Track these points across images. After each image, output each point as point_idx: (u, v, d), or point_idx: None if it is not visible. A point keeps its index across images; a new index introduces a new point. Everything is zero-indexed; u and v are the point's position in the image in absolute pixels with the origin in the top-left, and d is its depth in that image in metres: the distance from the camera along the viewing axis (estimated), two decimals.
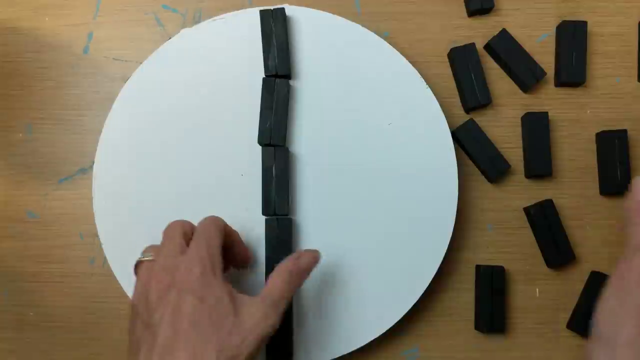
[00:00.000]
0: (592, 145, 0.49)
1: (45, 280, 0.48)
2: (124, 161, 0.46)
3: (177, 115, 0.46)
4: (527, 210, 0.47)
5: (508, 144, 0.48)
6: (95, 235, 0.46)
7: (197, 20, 0.50)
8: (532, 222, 0.47)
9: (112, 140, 0.46)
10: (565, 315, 0.47)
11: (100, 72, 0.50)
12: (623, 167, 0.46)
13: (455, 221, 0.44)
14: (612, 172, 0.47)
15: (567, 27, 0.47)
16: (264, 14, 0.45)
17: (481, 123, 0.47)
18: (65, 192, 0.49)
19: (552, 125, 0.48)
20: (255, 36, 0.46)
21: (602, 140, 0.47)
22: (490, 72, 0.49)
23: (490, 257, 0.48)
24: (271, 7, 0.45)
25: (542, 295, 0.47)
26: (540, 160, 0.47)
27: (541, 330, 0.47)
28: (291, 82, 0.46)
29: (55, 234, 0.48)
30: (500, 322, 0.45)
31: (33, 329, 0.48)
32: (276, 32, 0.45)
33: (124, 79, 0.48)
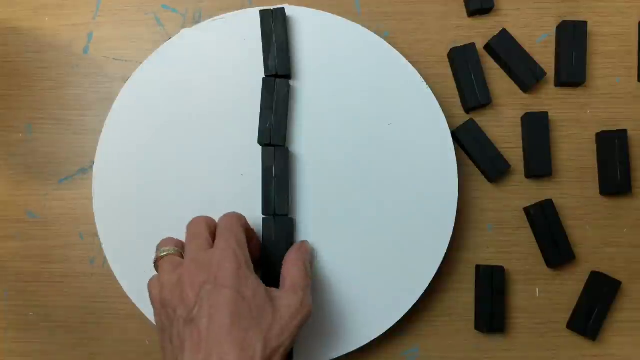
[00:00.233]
0: (592, 145, 0.49)
1: (45, 280, 0.48)
2: (124, 161, 0.46)
3: (177, 115, 0.46)
4: (527, 210, 0.47)
5: (508, 144, 0.48)
6: (95, 235, 0.46)
7: (197, 20, 0.50)
8: (532, 222, 0.47)
9: (112, 140, 0.46)
10: (565, 315, 0.47)
11: (100, 72, 0.50)
12: (623, 167, 0.47)
13: (455, 221, 0.44)
14: (612, 172, 0.47)
15: (567, 27, 0.47)
16: (264, 14, 0.45)
17: (481, 123, 0.47)
18: (65, 192, 0.49)
19: (552, 125, 0.48)
20: (255, 36, 0.46)
21: (602, 140, 0.47)
22: (490, 72, 0.49)
23: (490, 257, 0.48)
24: (271, 7, 0.45)
25: (542, 295, 0.47)
26: (540, 160, 0.47)
27: (541, 330, 0.47)
28: (291, 82, 0.46)
29: (55, 234, 0.48)
30: (500, 322, 0.45)
31: (33, 329, 0.48)
32: (276, 32, 0.45)
33: (124, 79, 0.48)
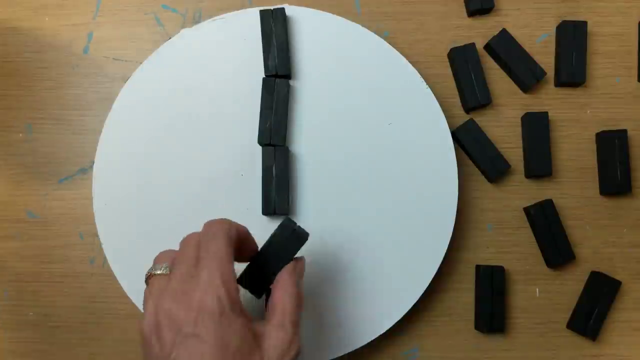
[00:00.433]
0: (592, 145, 0.49)
1: (45, 280, 0.48)
2: (124, 161, 0.46)
3: (177, 115, 0.46)
4: (527, 210, 0.47)
5: (508, 144, 0.48)
6: (95, 235, 0.46)
7: (197, 20, 0.50)
8: (532, 222, 0.47)
9: (112, 140, 0.46)
10: (565, 315, 0.47)
11: (100, 72, 0.50)
12: (623, 167, 0.47)
13: (455, 221, 0.44)
14: (612, 172, 0.47)
15: (567, 27, 0.47)
16: (264, 14, 0.45)
17: (481, 123, 0.47)
18: (65, 192, 0.49)
19: (552, 125, 0.48)
20: (255, 36, 0.46)
21: (602, 140, 0.47)
22: (490, 72, 0.49)
23: (490, 257, 0.48)
24: (271, 7, 0.45)
25: (542, 295, 0.47)
26: (540, 160, 0.47)
27: (541, 330, 0.47)
28: (291, 82, 0.46)
29: (55, 234, 0.48)
30: (500, 322, 0.45)
31: (33, 329, 0.48)
32: (276, 32, 0.45)
33: (124, 79, 0.48)
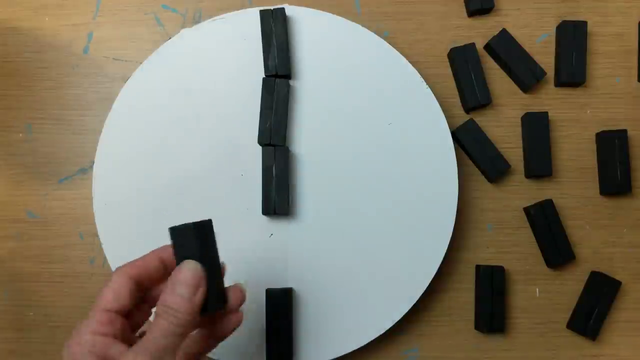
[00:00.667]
0: (592, 145, 0.49)
1: (45, 280, 0.48)
2: (124, 161, 0.46)
3: (177, 115, 0.46)
4: (527, 210, 0.47)
5: (508, 144, 0.48)
6: (95, 235, 0.46)
7: (197, 20, 0.50)
8: (532, 222, 0.47)
9: (112, 140, 0.46)
10: (565, 315, 0.47)
11: (100, 72, 0.50)
12: (623, 167, 0.47)
13: (455, 221, 0.44)
14: (612, 172, 0.47)
15: (567, 27, 0.47)
16: (264, 14, 0.45)
17: (481, 123, 0.47)
18: (65, 192, 0.49)
19: (552, 125, 0.48)
20: (255, 36, 0.46)
21: (602, 140, 0.47)
22: (490, 72, 0.49)
23: (490, 257, 0.48)
24: (271, 7, 0.45)
25: (542, 295, 0.47)
26: (540, 160, 0.47)
27: (541, 330, 0.47)
28: (291, 82, 0.46)
29: (55, 234, 0.48)
30: (500, 322, 0.45)
31: (33, 329, 0.48)
32: (276, 32, 0.45)
33: (124, 79, 0.48)
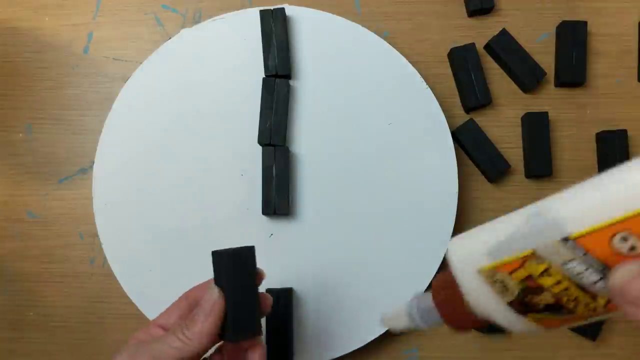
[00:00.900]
0: (592, 145, 0.49)
1: (45, 280, 0.48)
2: (124, 161, 0.46)
3: (177, 115, 0.46)
4: None
5: (508, 144, 0.48)
6: (95, 235, 0.46)
7: (197, 20, 0.50)
8: None
9: (112, 140, 0.46)
10: None
11: (100, 72, 0.50)
12: None
13: (455, 221, 0.44)
14: None
15: (567, 27, 0.47)
16: (264, 14, 0.45)
17: (481, 123, 0.47)
18: (65, 192, 0.49)
19: (552, 125, 0.48)
20: (255, 36, 0.46)
21: (602, 140, 0.47)
22: (490, 72, 0.49)
23: None
24: (271, 7, 0.45)
25: None
26: (541, 160, 0.47)
27: None
28: (291, 82, 0.46)
29: (55, 234, 0.48)
30: None
31: (33, 329, 0.48)
32: (276, 32, 0.45)
33: (124, 79, 0.48)
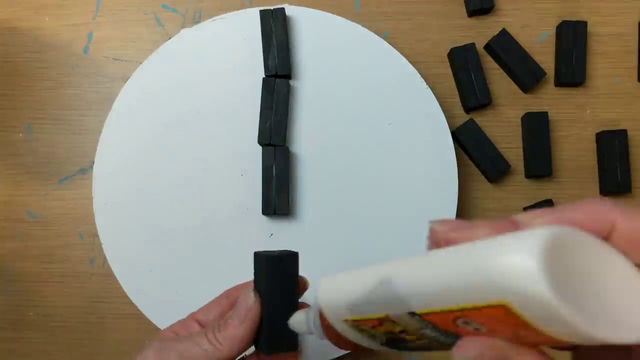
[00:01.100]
0: (592, 145, 0.49)
1: (45, 280, 0.48)
2: (124, 161, 0.46)
3: (177, 115, 0.46)
4: (528, 210, 0.47)
5: (508, 144, 0.48)
6: (95, 235, 0.46)
7: (197, 20, 0.50)
8: None
9: (112, 140, 0.46)
10: None
11: (100, 72, 0.50)
12: (623, 167, 0.47)
13: None
14: (612, 172, 0.47)
15: (567, 27, 0.47)
16: (264, 14, 0.45)
17: (481, 123, 0.47)
18: (65, 192, 0.49)
19: (552, 125, 0.48)
20: (255, 36, 0.46)
21: (602, 140, 0.47)
22: (490, 72, 0.49)
23: None
24: (271, 7, 0.45)
25: None
26: (541, 160, 0.47)
27: None
28: (291, 82, 0.46)
29: (55, 234, 0.48)
30: None
31: (33, 329, 0.48)
32: (276, 32, 0.45)
33: (124, 79, 0.48)
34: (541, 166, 0.47)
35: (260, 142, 0.44)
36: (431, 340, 0.21)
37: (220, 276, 0.44)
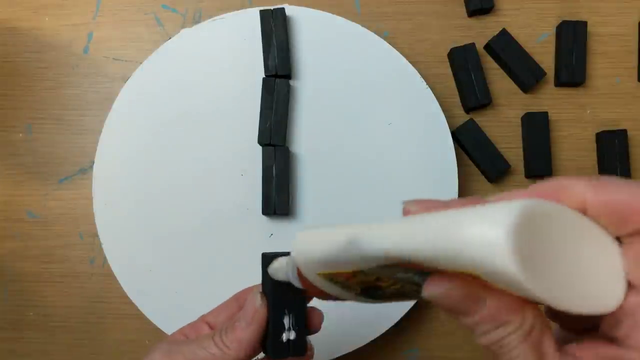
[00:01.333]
0: (592, 145, 0.49)
1: (45, 280, 0.48)
2: (124, 161, 0.46)
3: (177, 115, 0.46)
4: None
5: (508, 144, 0.48)
6: (95, 235, 0.46)
7: (197, 20, 0.50)
8: None
9: (112, 140, 0.46)
10: None
11: (100, 72, 0.50)
12: (623, 167, 0.47)
13: None
14: (612, 172, 0.47)
15: (567, 27, 0.47)
16: (264, 14, 0.45)
17: (481, 123, 0.47)
18: (65, 192, 0.49)
19: (552, 125, 0.48)
20: (255, 36, 0.46)
21: (602, 140, 0.47)
22: (490, 72, 0.49)
23: None
24: (271, 7, 0.45)
25: None
26: (540, 160, 0.47)
27: None
28: (291, 82, 0.46)
29: (55, 234, 0.48)
30: None
31: (33, 329, 0.48)
32: (276, 32, 0.45)
33: (124, 79, 0.48)
34: (541, 166, 0.47)
35: (260, 142, 0.44)
36: (404, 282, 0.21)
37: (221, 276, 0.44)
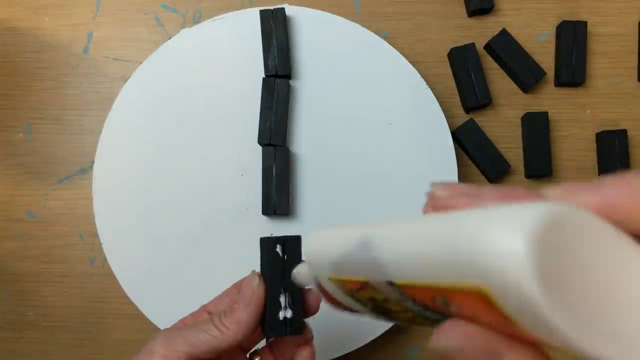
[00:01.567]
0: (592, 145, 0.49)
1: (45, 280, 0.48)
2: (124, 161, 0.46)
3: (177, 115, 0.46)
4: None
5: (508, 144, 0.48)
6: (95, 235, 0.46)
7: (197, 20, 0.50)
8: None
9: (112, 140, 0.46)
10: None
11: (100, 72, 0.50)
12: (623, 167, 0.46)
13: None
14: (612, 172, 0.46)
15: (567, 27, 0.47)
16: (264, 14, 0.45)
17: (481, 123, 0.47)
18: (65, 192, 0.49)
19: (552, 125, 0.48)
20: (255, 36, 0.46)
21: (602, 140, 0.47)
22: (490, 72, 0.49)
23: None
24: (271, 7, 0.45)
25: None
26: (541, 160, 0.47)
27: None
28: (291, 82, 0.46)
29: (55, 234, 0.48)
30: None
31: (33, 329, 0.48)
32: (276, 32, 0.45)
33: (124, 79, 0.48)
34: (541, 166, 0.47)
35: (260, 142, 0.44)
36: (417, 314, 0.19)
37: (220, 276, 0.44)
